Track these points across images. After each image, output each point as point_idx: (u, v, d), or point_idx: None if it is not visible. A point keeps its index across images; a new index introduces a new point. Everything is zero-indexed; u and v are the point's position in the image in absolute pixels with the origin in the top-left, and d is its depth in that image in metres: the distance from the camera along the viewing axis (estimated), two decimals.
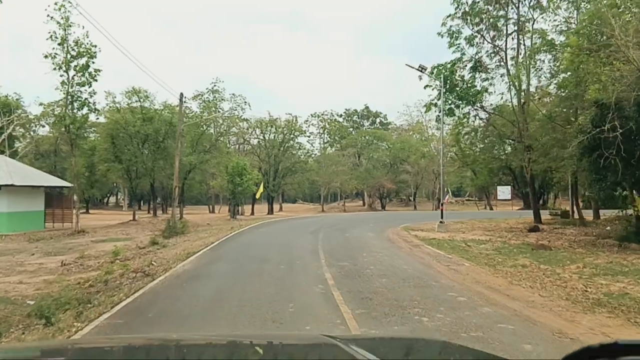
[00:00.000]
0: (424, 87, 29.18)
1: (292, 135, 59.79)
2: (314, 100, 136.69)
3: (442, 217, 26.65)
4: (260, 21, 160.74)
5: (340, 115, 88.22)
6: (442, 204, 27.53)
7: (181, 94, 28.98)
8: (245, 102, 56.92)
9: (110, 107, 37.53)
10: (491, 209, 57.89)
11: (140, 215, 46.66)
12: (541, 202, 60.08)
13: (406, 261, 14.74)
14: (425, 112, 29.30)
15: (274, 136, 60.14)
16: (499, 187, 56.27)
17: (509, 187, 55.82)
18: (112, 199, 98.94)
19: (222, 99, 59.83)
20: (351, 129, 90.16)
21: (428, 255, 16.39)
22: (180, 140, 36.37)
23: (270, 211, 60.84)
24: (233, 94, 58.38)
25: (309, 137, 62.97)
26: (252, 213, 60.49)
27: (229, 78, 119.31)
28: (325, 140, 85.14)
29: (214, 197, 75.42)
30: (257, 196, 36.12)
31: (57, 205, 38.29)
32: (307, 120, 66.83)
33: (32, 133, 64.85)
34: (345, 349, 2.12)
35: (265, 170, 60.18)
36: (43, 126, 63.30)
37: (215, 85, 56.99)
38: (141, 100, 38.06)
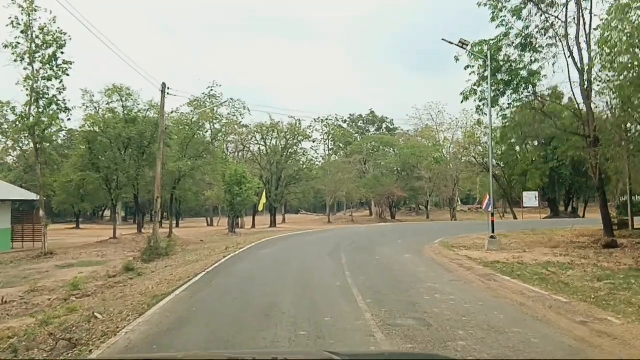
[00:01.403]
0: (465, 68, 23.47)
1: (295, 141, 54.09)
2: (316, 105, 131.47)
3: (492, 231, 20.81)
4: (257, 28, 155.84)
5: (345, 121, 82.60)
6: (491, 214, 21.60)
7: (163, 84, 23.37)
8: (245, 107, 51.50)
9: (86, 107, 31.79)
10: (515, 217, 51.92)
11: (127, 231, 40.83)
12: (570, 209, 54.19)
13: (498, 308, 8.95)
14: (462, 101, 23.44)
15: (276, 142, 54.49)
16: (525, 193, 50.43)
17: (536, 193, 50.00)
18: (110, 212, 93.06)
19: (220, 104, 54.88)
20: (356, 135, 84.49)
21: (517, 294, 10.56)
22: (168, 143, 30.71)
23: (273, 223, 54.96)
24: (231, 99, 52.94)
25: (313, 142, 57.18)
26: (253, 226, 54.65)
27: (229, 89, 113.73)
28: (330, 147, 79.49)
29: (212, 209, 69.65)
30: (260, 208, 30.33)
31: (28, 222, 32.48)
32: (310, 126, 61.17)
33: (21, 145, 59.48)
34: None
35: (267, 179, 54.45)
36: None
37: (212, 90, 52.04)
38: (123, 99, 32.36)
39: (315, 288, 11.13)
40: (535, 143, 30.87)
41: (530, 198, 49.59)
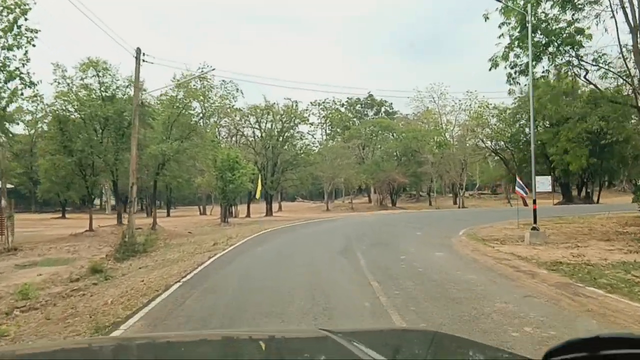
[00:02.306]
0: (499, 26, 19.62)
1: (292, 123, 50.18)
2: (314, 91, 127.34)
3: (535, 221, 17.18)
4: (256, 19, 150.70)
5: (343, 105, 78.70)
6: (533, 201, 17.92)
7: (138, 50, 19.46)
8: (238, 89, 47.72)
9: (58, 83, 27.77)
10: (525, 204, 48.31)
11: (112, 221, 36.94)
12: (583, 194, 50.73)
13: None
14: (491, 68, 19.64)
15: (272, 125, 50.57)
16: (537, 178, 46.55)
17: (549, 177, 46.27)
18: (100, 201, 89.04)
19: (212, 87, 51.04)
20: (354, 119, 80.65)
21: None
22: (150, 124, 26.88)
23: (269, 212, 51.25)
24: (223, 81, 49.01)
25: (310, 125, 53.28)
26: (248, 215, 50.93)
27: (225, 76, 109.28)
28: (327, 132, 75.74)
29: (205, 197, 65.80)
30: (257, 195, 26.59)
31: None
32: (307, 109, 57.04)
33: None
34: (343, 343, 2.03)
35: (263, 165, 50.63)
36: (17, 123, 53.77)
37: (202, 71, 48.25)
38: (99, 74, 28.34)
39: (337, 314, 7.40)
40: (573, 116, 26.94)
41: (543, 182, 45.43)
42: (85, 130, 27.60)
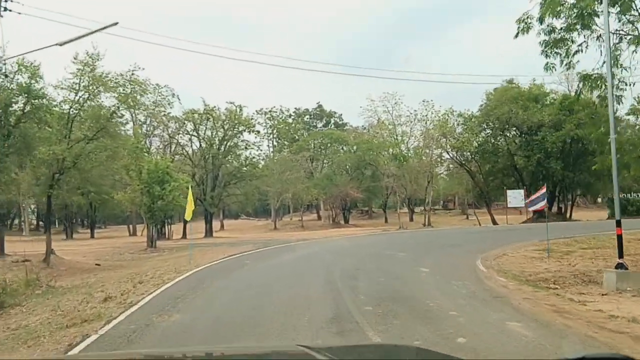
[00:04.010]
0: None
1: (235, 131, 42.99)
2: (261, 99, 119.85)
3: (620, 255, 10.92)
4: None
5: (290, 115, 72.07)
6: (617, 222, 11.55)
7: None
8: (174, 94, 40.64)
9: None
10: (494, 222, 43.17)
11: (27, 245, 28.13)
12: (555, 209, 46.19)
13: None
14: (518, 34, 13.28)
15: (212, 133, 43.21)
16: (508, 192, 41.71)
17: (521, 192, 41.44)
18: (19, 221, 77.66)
19: (145, 92, 43.72)
20: (302, 131, 74.22)
21: None
22: (45, 120, 19.31)
23: (209, 232, 43.62)
24: (157, 84, 41.53)
25: (257, 134, 46.22)
26: (184, 236, 43.12)
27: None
28: (275, 144, 68.94)
29: (135, 215, 57.09)
30: (187, 217, 19.17)
31: None
32: (252, 118, 49.76)
33: None
34: (321, 358, 1.95)
35: (201, 178, 43.13)
36: None
37: (133, 74, 40.98)
38: None
39: None
40: None
41: (516, 197, 40.88)
42: None
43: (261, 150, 48.78)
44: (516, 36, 14.33)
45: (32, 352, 7.60)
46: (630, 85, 14.26)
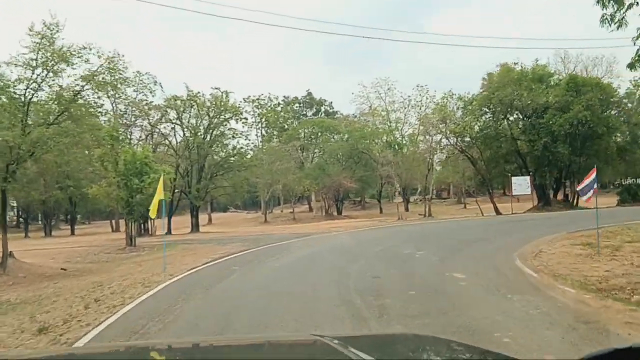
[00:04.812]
0: None
1: (222, 118, 39.83)
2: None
3: None
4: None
5: (279, 104, 68.86)
6: None
7: None
8: (156, 82, 37.57)
9: None
10: (497, 211, 40.48)
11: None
12: (562, 196, 43.74)
13: None
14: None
15: (197, 121, 40.03)
16: (514, 179, 39.08)
17: (527, 178, 38.85)
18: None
19: (124, 80, 40.47)
20: (291, 120, 71.16)
21: None
22: None
23: (195, 227, 40.59)
24: (138, 72, 38.30)
25: (245, 121, 43.05)
26: (169, 231, 40.07)
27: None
28: (264, 133, 65.79)
29: (117, 211, 53.84)
30: (152, 214, 15.93)
31: None
32: (239, 107, 46.36)
33: None
34: (339, 348, 1.96)
35: (186, 170, 40.04)
36: None
37: (111, 62, 37.73)
38: None
39: None
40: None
41: (521, 184, 38.28)
42: None
43: (249, 140, 45.79)
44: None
45: None
46: None
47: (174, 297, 9.11)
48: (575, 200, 41.13)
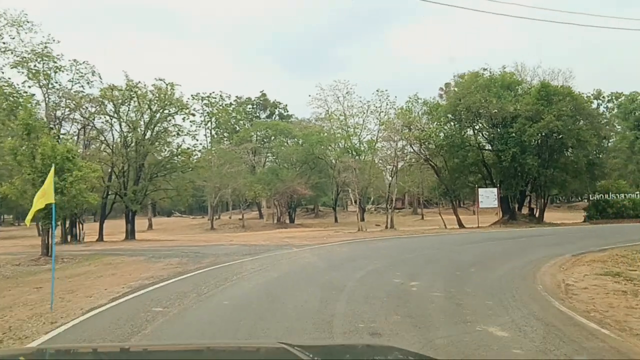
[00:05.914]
0: None
1: (166, 113, 35.30)
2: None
3: None
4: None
5: (230, 104, 64.54)
6: None
7: None
8: (94, 72, 33.15)
9: None
10: (460, 224, 37.84)
11: None
12: (527, 210, 41.63)
13: None
14: None
15: (136, 115, 35.31)
16: (480, 190, 36.54)
17: (494, 190, 36.41)
18: None
19: (59, 68, 35.74)
20: (242, 122, 66.98)
21: None
22: None
23: (131, 234, 35.76)
24: (75, 60, 33.56)
25: (193, 117, 38.56)
26: (101, 237, 35.09)
27: None
28: (213, 134, 61.31)
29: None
30: (27, 221, 11.66)
31: None
32: (186, 103, 41.40)
33: None
34: (301, 356, 1.94)
35: (122, 170, 35.24)
36: None
37: (46, 48, 32.99)
38: None
39: None
40: None
41: (488, 196, 35.81)
42: None
43: (197, 140, 41.22)
44: None
45: None
46: None
47: None
48: (541, 215, 39.14)
